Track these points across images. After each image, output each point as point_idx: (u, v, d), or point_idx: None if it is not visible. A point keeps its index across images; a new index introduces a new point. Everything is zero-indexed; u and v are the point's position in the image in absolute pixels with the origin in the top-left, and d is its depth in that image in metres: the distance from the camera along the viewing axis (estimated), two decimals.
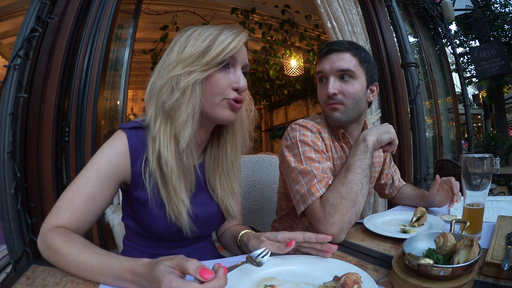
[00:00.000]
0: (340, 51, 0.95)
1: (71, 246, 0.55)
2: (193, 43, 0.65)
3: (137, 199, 0.69)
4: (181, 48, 0.66)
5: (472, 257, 0.49)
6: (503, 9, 8.49)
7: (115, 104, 2.25)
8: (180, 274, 0.46)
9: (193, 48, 0.64)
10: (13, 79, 1.39)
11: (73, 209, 0.61)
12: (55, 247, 0.55)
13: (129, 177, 0.67)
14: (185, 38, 0.67)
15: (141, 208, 0.69)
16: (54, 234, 0.58)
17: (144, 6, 2.68)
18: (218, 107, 0.67)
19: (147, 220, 0.69)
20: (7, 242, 1.37)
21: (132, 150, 0.66)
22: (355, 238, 0.80)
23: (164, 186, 0.66)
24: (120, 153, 0.66)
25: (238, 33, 0.67)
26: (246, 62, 0.71)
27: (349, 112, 0.96)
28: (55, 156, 1.55)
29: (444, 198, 1.01)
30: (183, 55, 0.64)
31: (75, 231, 0.61)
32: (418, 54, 3.52)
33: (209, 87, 0.66)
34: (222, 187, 0.77)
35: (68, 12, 1.63)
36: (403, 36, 2.34)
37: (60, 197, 0.63)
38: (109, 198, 0.67)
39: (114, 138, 0.68)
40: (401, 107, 2.36)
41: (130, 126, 0.69)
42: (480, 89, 12.05)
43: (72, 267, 0.54)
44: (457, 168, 2.95)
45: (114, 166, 0.65)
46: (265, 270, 0.57)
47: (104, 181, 0.64)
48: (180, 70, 0.63)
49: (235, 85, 0.67)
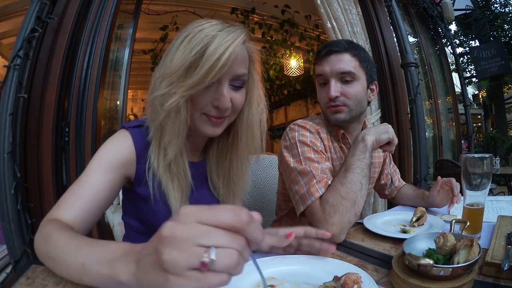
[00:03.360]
0: (339, 52, 0.94)
1: (64, 231, 0.51)
2: (182, 51, 0.59)
3: (140, 196, 0.68)
4: (172, 56, 0.61)
5: (472, 257, 0.49)
6: (503, 9, 8.50)
7: (115, 104, 2.25)
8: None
9: (180, 59, 0.58)
10: (13, 79, 1.39)
11: (79, 202, 0.60)
12: (47, 232, 0.52)
13: (133, 173, 0.67)
14: (179, 42, 0.61)
15: (144, 205, 0.69)
16: (51, 222, 0.55)
17: (144, 6, 2.68)
18: (198, 122, 0.65)
19: (150, 217, 0.69)
20: (7, 242, 1.37)
21: (137, 147, 0.66)
22: (355, 238, 0.80)
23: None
24: (124, 147, 0.65)
25: (233, 38, 0.59)
26: (237, 72, 0.62)
27: (352, 112, 0.96)
28: (55, 156, 1.55)
29: (444, 198, 1.01)
30: (170, 69, 0.59)
31: (78, 228, 0.59)
32: (418, 54, 3.52)
33: (189, 104, 0.62)
34: (225, 187, 0.76)
35: (68, 12, 1.63)
36: (403, 36, 2.34)
37: (66, 192, 0.61)
38: (114, 191, 0.65)
39: (118, 135, 0.68)
40: (401, 107, 2.36)
41: (133, 125, 0.69)
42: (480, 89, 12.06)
43: (58, 248, 0.47)
44: (457, 168, 2.95)
45: (118, 158, 0.65)
46: (265, 270, 0.57)
47: (108, 172, 0.63)
48: (164, 88, 0.59)
49: (215, 102, 0.62)
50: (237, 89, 0.65)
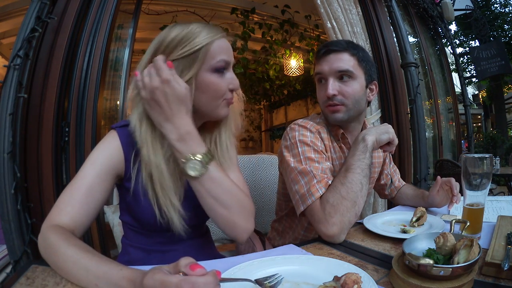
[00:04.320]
0: (338, 51, 0.95)
1: (71, 245, 0.54)
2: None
3: (128, 190, 0.70)
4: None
5: (472, 257, 0.49)
6: (503, 9, 8.49)
7: (115, 104, 2.25)
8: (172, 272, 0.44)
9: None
10: (13, 79, 1.39)
11: (73, 203, 0.63)
12: (53, 242, 0.55)
13: (123, 170, 0.70)
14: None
15: (132, 200, 0.71)
16: (56, 230, 0.58)
17: (144, 6, 2.68)
18: (220, 108, 0.72)
19: (138, 211, 0.71)
20: (7, 242, 1.37)
21: (124, 145, 0.70)
22: (355, 238, 0.80)
23: (150, 181, 0.66)
24: (113, 148, 0.70)
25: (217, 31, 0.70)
26: (232, 60, 0.73)
27: (350, 112, 0.96)
28: (55, 156, 1.55)
29: (444, 198, 1.01)
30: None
31: (76, 226, 0.62)
32: (418, 54, 3.52)
33: (209, 93, 0.70)
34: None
35: (68, 12, 1.63)
36: (403, 36, 2.34)
37: (62, 193, 0.64)
38: (107, 190, 0.68)
39: (107, 136, 0.72)
40: (401, 107, 2.35)
41: (120, 125, 0.73)
42: (480, 89, 12.05)
43: (67, 264, 0.52)
44: (457, 168, 2.95)
45: (109, 159, 0.68)
46: (265, 270, 0.57)
47: (101, 173, 0.67)
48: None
49: (230, 86, 0.71)
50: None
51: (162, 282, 0.40)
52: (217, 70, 0.69)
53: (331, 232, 0.75)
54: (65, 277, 0.52)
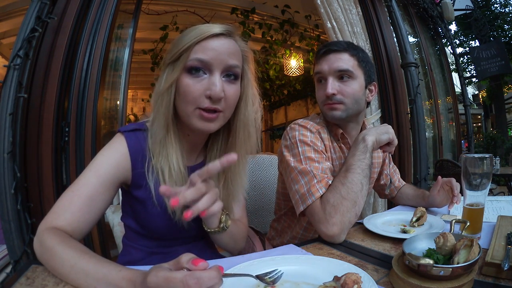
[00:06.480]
0: (338, 51, 0.95)
1: (68, 248, 0.53)
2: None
3: (138, 199, 0.69)
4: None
5: (472, 257, 0.49)
6: (503, 9, 8.50)
7: (115, 104, 2.25)
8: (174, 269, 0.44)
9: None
10: (13, 79, 1.39)
11: (73, 209, 0.61)
12: (50, 246, 0.54)
13: (129, 178, 0.68)
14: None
15: (141, 208, 0.69)
16: (51, 233, 0.56)
17: (144, 6, 2.68)
18: (192, 117, 0.64)
19: (147, 219, 0.70)
20: (7, 242, 1.37)
21: (132, 152, 0.67)
22: (355, 238, 0.80)
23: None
24: (120, 155, 0.66)
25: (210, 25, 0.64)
26: (228, 63, 0.64)
27: (349, 111, 0.96)
28: (55, 156, 1.55)
29: (444, 198, 1.01)
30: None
31: (74, 233, 0.60)
32: (418, 54, 3.52)
33: (181, 97, 0.64)
34: (225, 190, 0.75)
35: (68, 12, 1.63)
36: (403, 36, 2.34)
37: (60, 198, 0.62)
38: (109, 199, 0.66)
39: (114, 141, 0.69)
40: (401, 107, 2.35)
41: (129, 129, 0.69)
42: (480, 89, 12.05)
43: (65, 268, 0.51)
44: (457, 168, 2.95)
45: (115, 167, 0.65)
46: (265, 270, 0.57)
47: (105, 182, 0.64)
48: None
49: (207, 92, 0.63)
50: (230, 82, 0.66)
51: (166, 279, 0.40)
52: (189, 71, 0.62)
53: (332, 232, 0.75)
54: (64, 280, 0.52)
